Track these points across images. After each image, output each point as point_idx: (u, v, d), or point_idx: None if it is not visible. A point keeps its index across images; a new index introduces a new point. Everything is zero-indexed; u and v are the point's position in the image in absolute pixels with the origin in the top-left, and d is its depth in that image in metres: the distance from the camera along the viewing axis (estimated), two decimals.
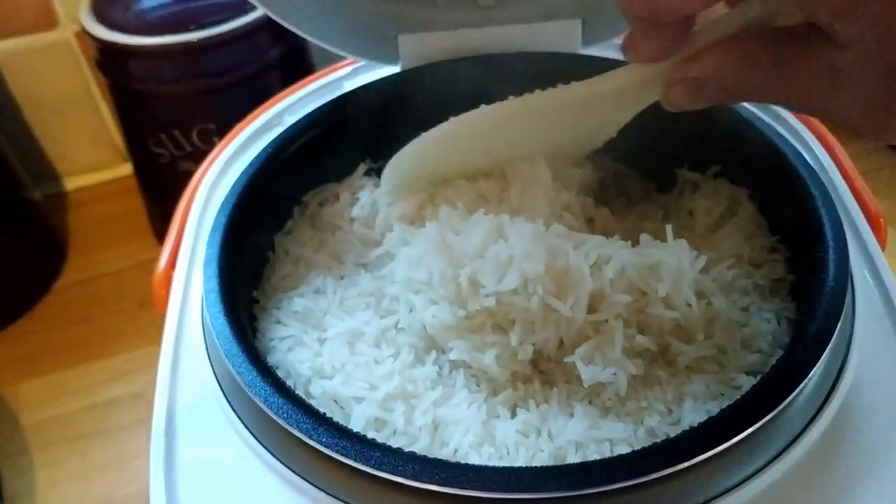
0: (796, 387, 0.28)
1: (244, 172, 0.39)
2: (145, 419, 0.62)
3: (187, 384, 0.34)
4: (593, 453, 0.31)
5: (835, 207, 0.34)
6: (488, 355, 0.33)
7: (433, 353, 0.35)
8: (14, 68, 0.75)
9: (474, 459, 0.31)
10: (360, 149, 0.44)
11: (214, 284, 0.33)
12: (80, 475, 0.59)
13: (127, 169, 0.84)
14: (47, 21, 0.73)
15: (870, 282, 0.35)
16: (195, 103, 0.65)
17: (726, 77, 0.27)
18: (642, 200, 0.44)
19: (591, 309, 0.33)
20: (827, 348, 0.29)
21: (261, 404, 0.29)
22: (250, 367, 0.30)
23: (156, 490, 0.30)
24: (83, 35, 0.68)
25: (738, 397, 0.28)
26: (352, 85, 0.47)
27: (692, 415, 0.31)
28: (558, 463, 0.30)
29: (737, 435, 0.26)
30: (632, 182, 0.45)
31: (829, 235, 0.33)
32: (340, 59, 0.49)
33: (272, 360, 0.34)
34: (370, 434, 0.31)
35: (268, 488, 0.29)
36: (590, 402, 0.33)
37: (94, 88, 0.78)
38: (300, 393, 0.32)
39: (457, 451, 0.31)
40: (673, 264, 0.33)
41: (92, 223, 0.81)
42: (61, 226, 0.80)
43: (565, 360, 0.33)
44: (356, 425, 0.31)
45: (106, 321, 0.71)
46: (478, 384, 0.34)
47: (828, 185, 0.37)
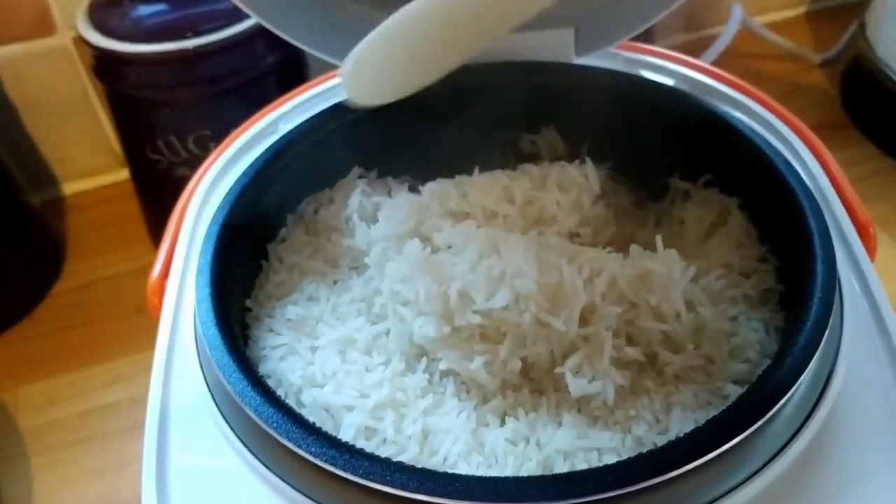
0: (783, 397, 0.28)
1: (237, 181, 0.39)
2: (143, 424, 0.62)
3: (179, 393, 0.34)
4: (581, 462, 0.31)
5: (823, 217, 0.35)
6: (477, 365, 0.33)
7: (424, 361, 0.35)
8: (12, 74, 0.75)
9: (463, 468, 0.31)
10: (354, 156, 0.44)
11: (207, 293, 0.34)
12: (77, 479, 0.59)
13: (125, 174, 0.84)
14: (45, 27, 0.73)
15: (858, 291, 0.35)
16: (191, 110, 0.65)
17: None
18: (635, 208, 0.45)
19: (583, 321, 0.33)
20: (814, 358, 0.29)
21: (251, 414, 0.29)
22: (241, 377, 0.30)
23: (148, 497, 0.30)
24: (80, 41, 0.68)
25: (722, 408, 0.29)
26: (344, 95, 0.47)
27: (680, 424, 0.32)
28: (546, 472, 0.31)
29: (723, 445, 0.27)
30: (625, 190, 0.45)
31: (818, 246, 0.33)
32: (335, 66, 0.49)
33: (264, 368, 0.35)
34: (360, 443, 0.31)
35: (258, 497, 0.30)
36: (578, 411, 0.33)
37: (92, 94, 0.79)
38: (291, 402, 0.33)
39: (446, 459, 0.31)
40: (663, 274, 0.33)
41: (90, 228, 0.81)
42: (59, 230, 0.81)
43: (555, 370, 0.33)
44: (346, 434, 0.32)
45: (104, 326, 0.71)
46: (468, 392, 0.35)
47: (817, 194, 0.37)
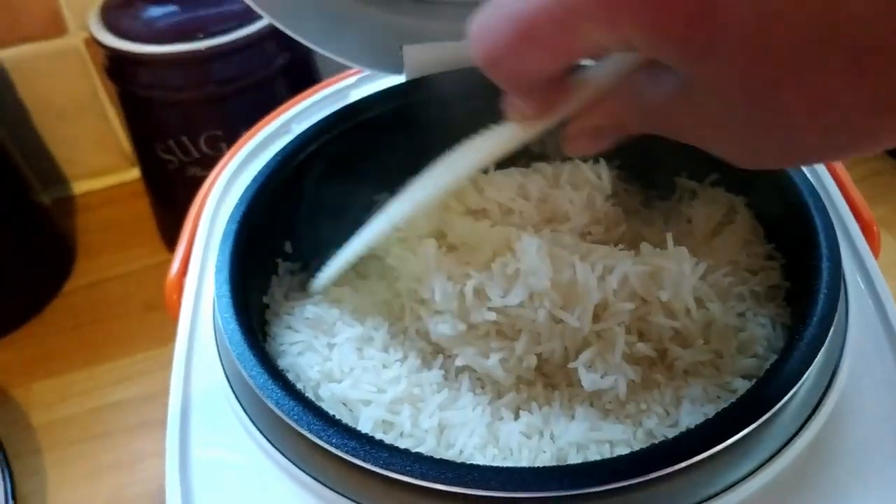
0: (790, 389, 0.29)
1: (254, 180, 0.40)
2: (154, 420, 0.63)
3: (200, 388, 0.35)
4: (594, 454, 0.32)
5: (828, 215, 0.35)
6: (493, 361, 0.34)
7: (440, 358, 0.36)
8: (23, 74, 0.76)
9: (479, 460, 0.32)
10: (368, 154, 0.45)
11: (226, 289, 0.34)
12: (89, 475, 0.60)
13: (134, 173, 0.85)
14: (56, 28, 0.74)
15: (862, 288, 0.36)
16: (203, 110, 0.66)
17: (620, 121, 0.28)
18: (643, 207, 0.45)
19: (595, 317, 0.34)
20: (820, 352, 0.30)
21: (272, 406, 0.30)
22: (261, 371, 0.31)
23: (171, 491, 0.31)
24: (92, 42, 0.69)
25: (731, 401, 0.29)
26: (358, 94, 0.48)
27: (689, 417, 0.32)
28: (560, 464, 0.31)
29: (732, 437, 0.27)
30: (633, 190, 0.46)
31: (823, 244, 0.34)
32: (345, 68, 0.50)
33: (282, 363, 0.35)
34: (378, 436, 0.32)
35: (279, 488, 0.30)
36: (591, 405, 0.34)
37: (103, 94, 0.79)
38: (309, 396, 0.33)
39: (462, 452, 0.32)
40: (674, 271, 0.34)
41: (100, 227, 0.82)
42: (70, 229, 0.81)
43: (568, 365, 0.34)
44: (364, 427, 0.32)
45: (114, 324, 0.72)
46: (482, 387, 0.35)
47: (822, 192, 0.38)
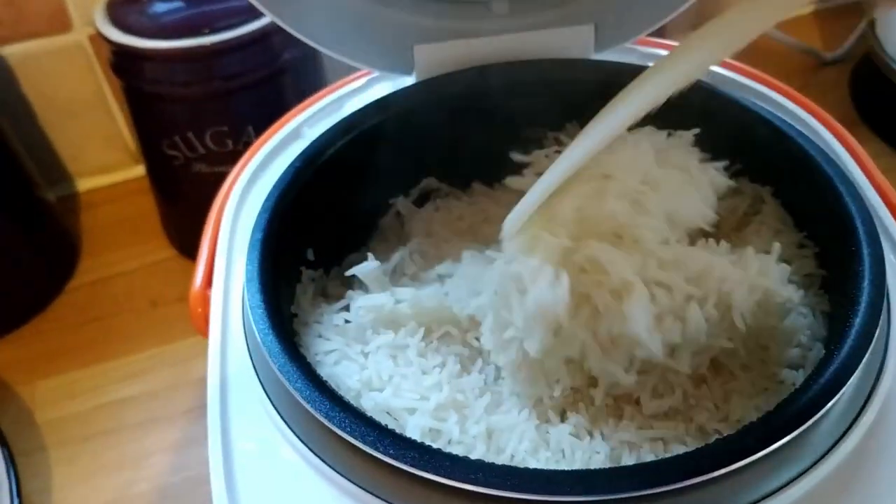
0: (850, 376, 0.28)
1: (275, 187, 0.39)
2: (158, 417, 0.63)
3: (237, 405, 0.33)
4: (647, 453, 0.31)
5: (863, 200, 0.35)
6: (558, 393, 0.33)
7: (479, 362, 0.35)
8: (28, 70, 0.76)
9: (532, 464, 0.31)
10: (386, 159, 0.44)
11: (259, 300, 0.33)
12: (95, 473, 0.60)
13: (138, 171, 0.84)
14: (61, 24, 0.74)
15: None
16: (208, 106, 0.66)
17: None
18: None
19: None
20: (874, 336, 0.29)
21: (321, 419, 0.29)
22: (307, 384, 0.30)
23: None
24: (97, 38, 0.68)
25: (782, 391, 0.29)
26: (369, 96, 0.48)
27: (740, 411, 0.32)
28: (614, 464, 0.31)
29: (796, 429, 0.27)
30: None
31: (861, 229, 0.33)
32: (352, 67, 0.49)
33: (321, 374, 0.35)
34: (427, 444, 0.31)
35: (329, 501, 0.29)
36: (637, 403, 0.33)
37: (107, 91, 0.79)
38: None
39: (513, 456, 0.31)
40: (783, 295, 0.33)
41: (104, 224, 0.81)
42: (74, 226, 0.81)
43: (634, 396, 0.33)
44: (412, 436, 0.32)
45: (118, 321, 0.72)
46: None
47: (848, 175, 0.37)
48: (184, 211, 0.74)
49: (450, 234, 0.44)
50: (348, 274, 0.40)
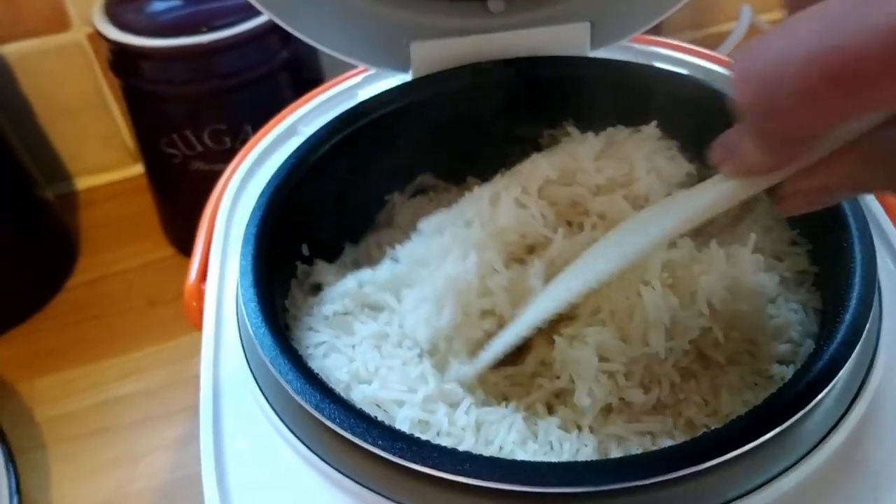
0: (838, 371, 0.28)
1: (269, 182, 0.39)
2: (156, 416, 0.63)
3: (230, 398, 0.34)
4: (634, 447, 0.31)
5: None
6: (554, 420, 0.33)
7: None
8: (26, 69, 0.76)
9: (521, 456, 0.31)
10: (381, 157, 0.45)
11: (252, 294, 0.34)
12: (93, 470, 0.60)
13: (137, 169, 0.85)
14: (60, 23, 0.74)
15: (893, 270, 0.36)
16: (206, 104, 0.66)
17: (856, 181, 0.24)
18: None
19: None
20: (864, 331, 0.29)
21: (312, 411, 0.29)
22: (298, 376, 0.30)
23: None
24: (95, 37, 0.68)
25: (771, 386, 0.29)
26: (365, 93, 0.48)
27: (729, 405, 0.32)
28: (602, 457, 0.31)
29: (784, 423, 0.27)
30: None
31: (853, 225, 0.33)
32: (349, 65, 0.49)
33: (312, 367, 0.35)
34: (416, 435, 0.31)
35: (321, 495, 0.30)
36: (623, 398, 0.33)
37: (106, 89, 0.79)
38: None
39: (502, 448, 0.32)
40: (753, 283, 0.33)
41: (103, 223, 0.81)
42: (73, 225, 0.81)
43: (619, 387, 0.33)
44: (402, 427, 0.32)
45: (117, 319, 0.72)
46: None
47: None
48: (182, 209, 0.75)
49: None
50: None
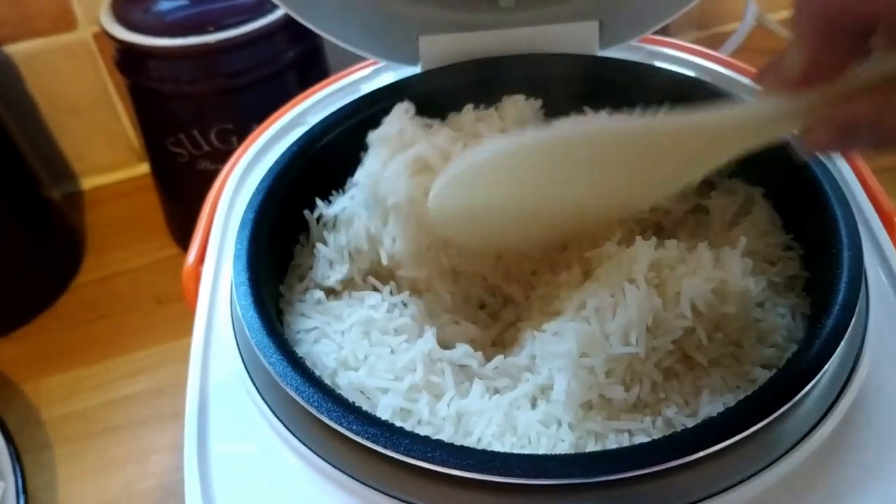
0: (813, 378, 0.29)
1: (270, 170, 0.40)
2: (164, 414, 0.63)
3: (218, 376, 0.35)
4: (612, 443, 0.31)
5: (849, 205, 0.35)
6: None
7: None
8: (33, 69, 0.76)
9: (497, 448, 0.31)
10: None
11: (244, 277, 0.34)
12: (100, 469, 0.60)
13: (143, 169, 0.85)
14: (66, 22, 0.74)
15: (884, 280, 0.36)
16: (213, 104, 0.66)
17: (882, 119, 0.23)
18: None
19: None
20: (843, 341, 0.30)
21: (291, 393, 0.30)
22: (281, 358, 0.31)
23: (190, 479, 0.31)
24: (101, 36, 0.69)
25: (754, 389, 0.29)
26: (370, 86, 0.48)
27: (709, 406, 0.32)
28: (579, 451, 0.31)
29: (755, 425, 0.27)
30: None
31: (844, 232, 0.34)
32: (355, 61, 0.50)
33: (300, 351, 0.35)
34: (396, 423, 0.32)
35: (298, 476, 0.30)
36: (604, 397, 0.33)
37: (112, 89, 0.79)
38: (327, 384, 0.33)
39: (480, 440, 0.32)
40: (741, 285, 0.34)
41: (109, 222, 0.82)
42: (79, 224, 0.81)
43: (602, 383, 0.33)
44: (383, 415, 0.32)
45: (124, 318, 0.72)
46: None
47: (841, 183, 0.37)
48: (188, 208, 0.74)
49: None
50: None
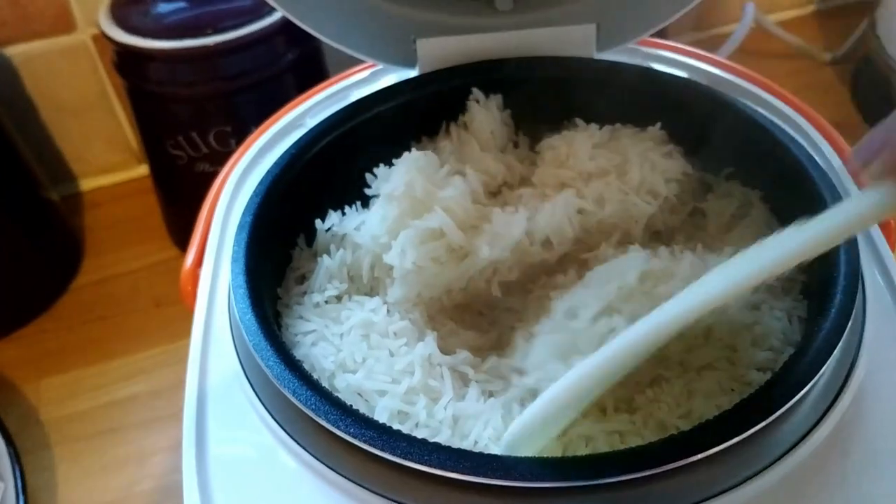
0: (809, 381, 0.29)
1: (268, 172, 0.40)
2: (163, 416, 0.63)
3: (216, 377, 0.35)
4: (603, 446, 0.31)
5: None
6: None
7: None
8: (32, 71, 0.76)
9: (494, 451, 0.32)
10: (378, 149, 0.45)
11: (242, 280, 0.34)
12: (99, 471, 0.60)
13: (141, 170, 0.85)
14: (65, 24, 0.74)
15: (881, 283, 0.36)
16: (212, 106, 0.66)
17: None
18: None
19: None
20: (839, 344, 0.30)
21: (289, 396, 0.30)
22: (278, 361, 0.31)
23: (188, 481, 0.31)
24: (100, 38, 0.69)
25: (749, 392, 0.29)
26: (368, 90, 0.48)
27: (702, 409, 0.32)
28: (568, 454, 0.31)
29: (754, 427, 0.27)
30: None
31: None
32: (353, 64, 0.50)
33: (298, 354, 0.36)
34: (394, 426, 0.32)
35: (296, 478, 0.31)
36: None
37: (111, 91, 0.79)
38: (326, 386, 0.34)
39: (476, 442, 0.32)
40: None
41: (108, 224, 0.82)
42: (78, 226, 0.81)
43: None
44: (380, 417, 0.33)
45: (122, 320, 0.72)
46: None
47: (838, 186, 0.38)
48: (187, 210, 0.74)
49: None
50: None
